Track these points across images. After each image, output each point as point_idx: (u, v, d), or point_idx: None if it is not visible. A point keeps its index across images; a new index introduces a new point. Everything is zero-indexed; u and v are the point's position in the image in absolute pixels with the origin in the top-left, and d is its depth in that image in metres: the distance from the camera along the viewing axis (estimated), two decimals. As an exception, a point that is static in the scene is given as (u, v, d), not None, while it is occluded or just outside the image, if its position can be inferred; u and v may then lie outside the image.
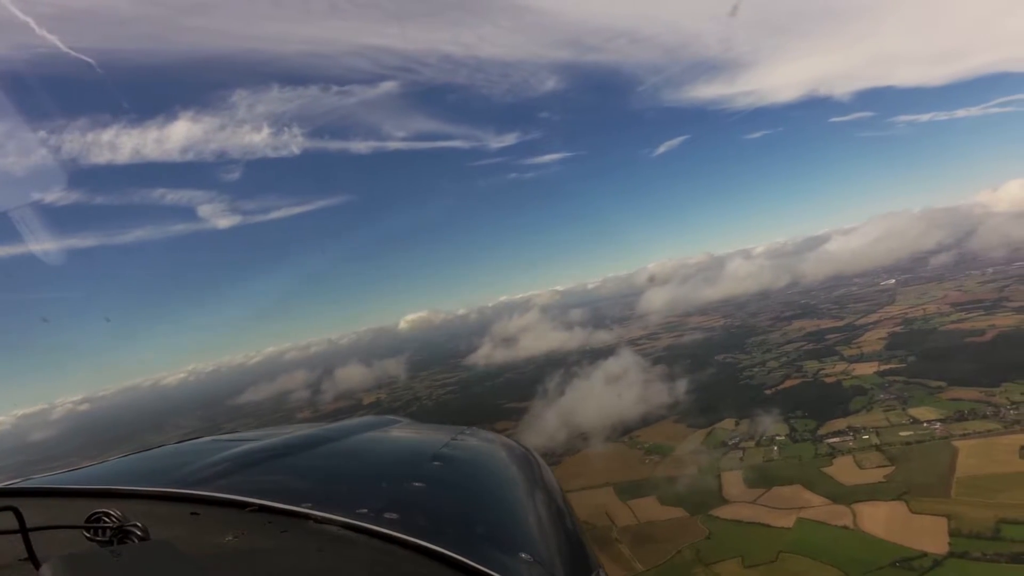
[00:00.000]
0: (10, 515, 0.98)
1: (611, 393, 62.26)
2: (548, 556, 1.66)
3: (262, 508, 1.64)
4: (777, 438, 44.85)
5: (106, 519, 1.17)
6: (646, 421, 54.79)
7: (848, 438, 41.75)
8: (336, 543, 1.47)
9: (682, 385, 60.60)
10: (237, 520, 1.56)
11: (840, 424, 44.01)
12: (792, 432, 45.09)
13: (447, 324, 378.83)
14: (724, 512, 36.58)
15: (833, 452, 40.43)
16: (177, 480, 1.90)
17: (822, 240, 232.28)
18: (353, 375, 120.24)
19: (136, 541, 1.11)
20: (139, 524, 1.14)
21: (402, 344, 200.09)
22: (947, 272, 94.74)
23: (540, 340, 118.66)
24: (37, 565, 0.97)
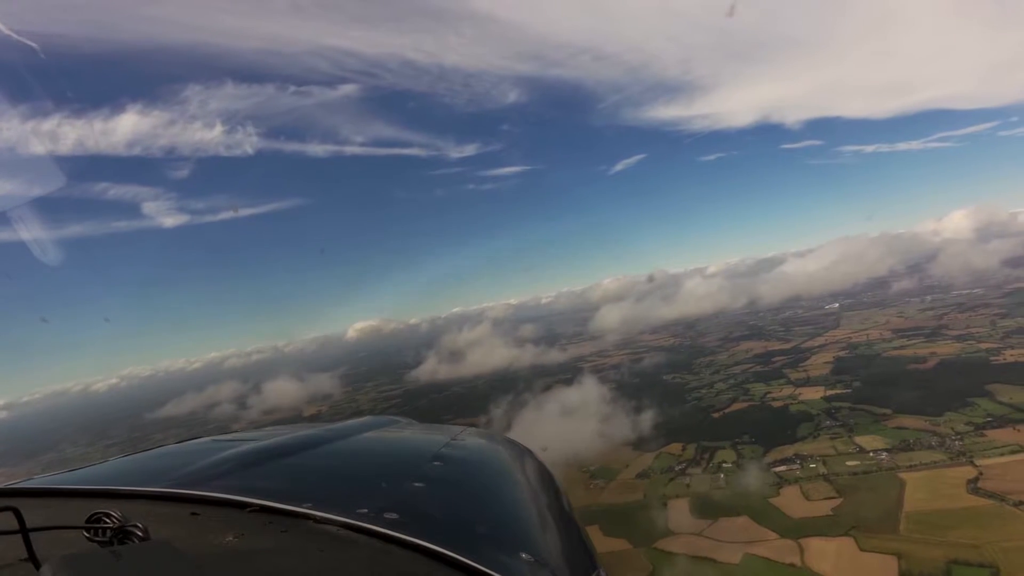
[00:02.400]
0: (10, 515, 0.98)
1: (557, 413, 60.18)
2: (549, 556, 1.63)
3: (262, 508, 1.60)
4: (724, 465, 43.46)
5: (106, 519, 1.17)
6: (592, 443, 52.68)
7: (795, 466, 40.72)
8: (336, 543, 1.44)
9: (631, 407, 58.88)
10: (237, 520, 1.53)
11: (787, 451, 43.03)
12: (739, 459, 43.80)
13: (397, 334, 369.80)
14: (669, 544, 34.82)
15: (780, 481, 39.23)
16: (177, 480, 1.86)
17: (776, 262, 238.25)
18: (290, 386, 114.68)
19: (136, 541, 1.11)
20: (139, 524, 1.14)
21: (348, 354, 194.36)
22: (889, 298, 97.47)
23: (490, 355, 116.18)
24: (37, 565, 0.98)
